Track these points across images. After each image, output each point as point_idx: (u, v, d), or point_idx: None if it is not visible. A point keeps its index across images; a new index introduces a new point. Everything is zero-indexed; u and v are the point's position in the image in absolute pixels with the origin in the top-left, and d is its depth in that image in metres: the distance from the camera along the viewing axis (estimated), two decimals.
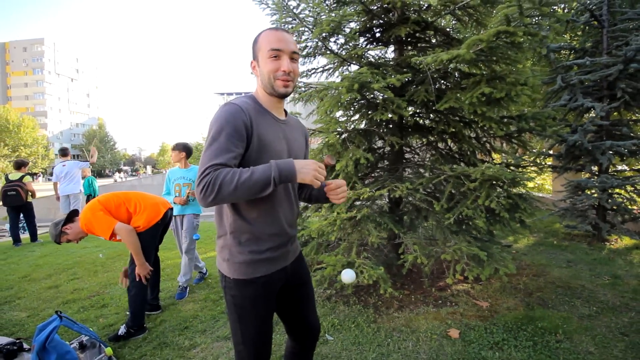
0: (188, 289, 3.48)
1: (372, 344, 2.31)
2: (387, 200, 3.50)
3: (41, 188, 6.63)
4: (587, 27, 5.05)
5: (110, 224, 2.46)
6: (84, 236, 2.60)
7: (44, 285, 3.87)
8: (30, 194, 6.27)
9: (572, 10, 5.29)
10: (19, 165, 6.44)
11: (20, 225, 6.77)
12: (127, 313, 2.87)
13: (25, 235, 6.48)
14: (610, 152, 4.28)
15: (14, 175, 6.23)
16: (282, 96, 1.23)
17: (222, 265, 1.26)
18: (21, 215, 6.40)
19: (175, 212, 3.49)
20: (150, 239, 2.69)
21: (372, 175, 3.61)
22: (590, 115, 4.98)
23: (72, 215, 2.62)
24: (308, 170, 1.09)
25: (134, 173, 68.74)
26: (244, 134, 1.12)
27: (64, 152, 6.90)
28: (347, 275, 1.46)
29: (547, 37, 2.77)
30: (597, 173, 4.69)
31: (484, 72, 2.94)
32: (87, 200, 7.20)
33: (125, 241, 2.49)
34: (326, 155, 1.26)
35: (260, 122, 1.17)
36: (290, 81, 1.20)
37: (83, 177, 7.25)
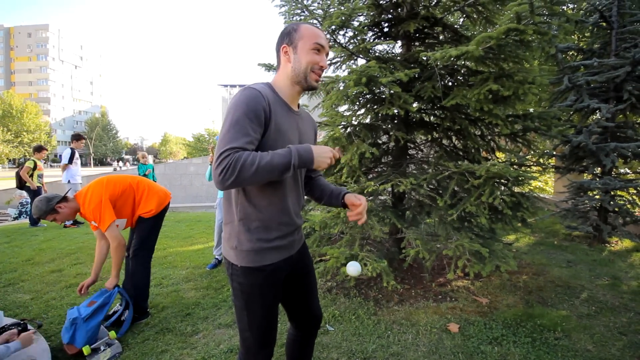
0: (218, 263, 3.88)
1: (373, 335, 2.34)
2: (390, 195, 3.51)
3: (46, 174, 6.69)
4: (595, 28, 5.02)
5: (106, 220, 2.32)
6: (73, 218, 2.47)
7: (47, 269, 3.90)
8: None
9: (582, 11, 5.25)
10: (34, 150, 6.58)
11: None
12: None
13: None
14: (615, 154, 4.27)
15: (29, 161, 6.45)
16: (309, 89, 1.26)
17: (229, 253, 1.26)
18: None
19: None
20: (157, 224, 2.70)
21: (376, 170, 3.62)
22: (596, 116, 4.97)
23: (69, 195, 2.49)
24: (324, 159, 1.15)
25: (135, 162, 68.82)
26: (262, 119, 1.13)
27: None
28: (353, 268, 1.47)
29: (556, 36, 2.76)
30: (600, 175, 4.69)
31: (492, 70, 2.93)
32: None
33: (111, 249, 2.37)
34: (337, 149, 1.29)
35: (277, 110, 1.19)
36: (320, 77, 1.25)
37: (141, 163, 7.33)
